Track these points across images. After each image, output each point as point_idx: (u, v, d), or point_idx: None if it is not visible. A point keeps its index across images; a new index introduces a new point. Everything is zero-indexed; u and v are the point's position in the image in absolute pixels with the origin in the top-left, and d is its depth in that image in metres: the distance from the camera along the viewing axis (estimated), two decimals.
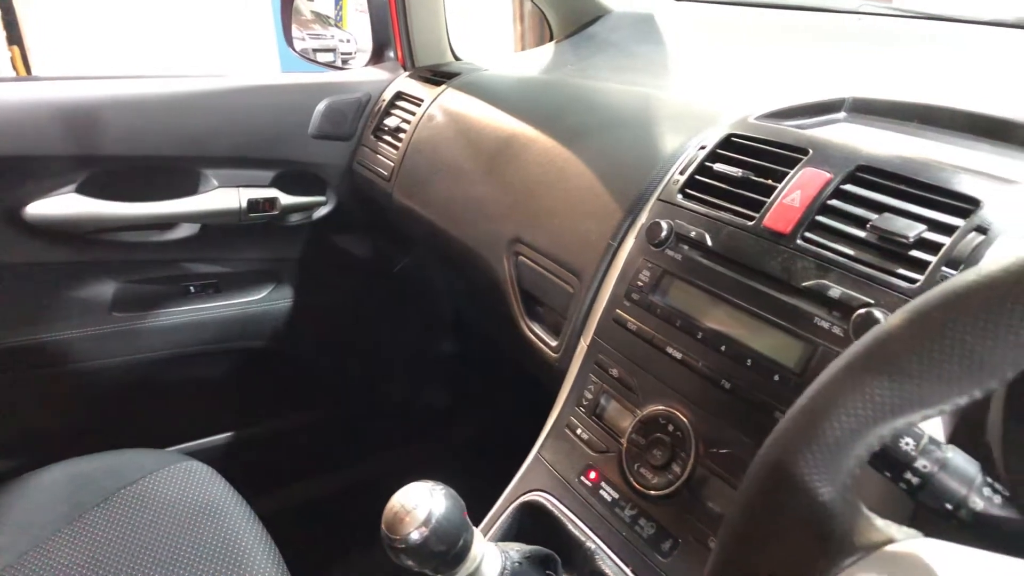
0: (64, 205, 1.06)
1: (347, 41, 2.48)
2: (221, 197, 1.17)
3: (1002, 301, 0.25)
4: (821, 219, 0.53)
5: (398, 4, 1.29)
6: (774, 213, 0.56)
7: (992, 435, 0.36)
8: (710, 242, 0.59)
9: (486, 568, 0.47)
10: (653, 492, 0.55)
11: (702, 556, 0.51)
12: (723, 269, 0.57)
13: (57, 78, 1.10)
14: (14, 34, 3.46)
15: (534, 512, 0.63)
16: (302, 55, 1.50)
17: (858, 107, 0.69)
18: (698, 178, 0.64)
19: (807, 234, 0.53)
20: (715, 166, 0.63)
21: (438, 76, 1.20)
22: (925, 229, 0.48)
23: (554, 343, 0.76)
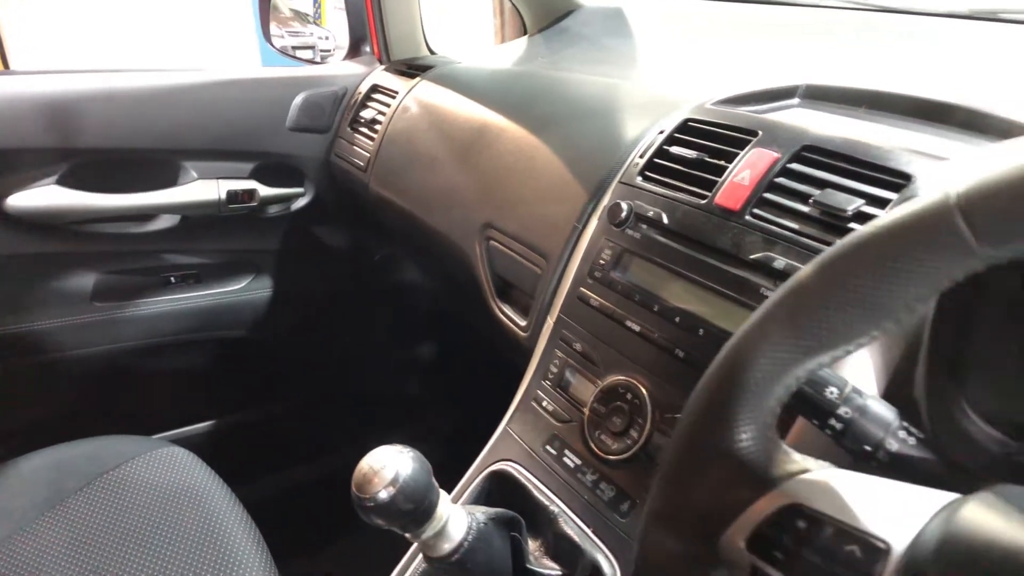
0: (45, 197, 1.07)
1: (326, 38, 2.48)
2: (201, 189, 1.18)
3: (895, 250, 0.28)
4: (768, 196, 0.56)
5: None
6: (725, 191, 0.59)
7: (918, 388, 0.39)
8: (666, 220, 0.62)
9: (452, 528, 0.49)
10: (612, 457, 0.58)
11: None
12: (678, 245, 0.60)
13: (36, 72, 1.11)
14: None
15: (502, 480, 0.65)
16: (282, 52, 1.51)
17: (811, 93, 0.72)
18: (656, 161, 0.67)
19: (755, 210, 0.56)
20: (672, 149, 0.66)
21: (413, 69, 1.22)
22: (863, 203, 0.51)
23: (523, 323, 0.78)
